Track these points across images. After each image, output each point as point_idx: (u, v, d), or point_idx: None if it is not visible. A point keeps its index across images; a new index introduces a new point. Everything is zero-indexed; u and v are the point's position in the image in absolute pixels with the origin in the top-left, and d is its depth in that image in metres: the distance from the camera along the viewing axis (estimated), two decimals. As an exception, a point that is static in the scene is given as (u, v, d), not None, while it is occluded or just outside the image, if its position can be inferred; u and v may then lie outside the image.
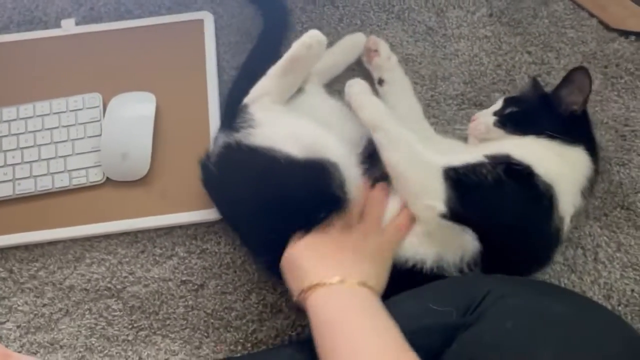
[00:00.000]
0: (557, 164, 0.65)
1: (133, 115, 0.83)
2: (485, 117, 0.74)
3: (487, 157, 0.65)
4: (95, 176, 0.81)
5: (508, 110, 0.73)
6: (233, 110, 0.76)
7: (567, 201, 0.65)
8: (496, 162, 0.64)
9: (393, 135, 0.67)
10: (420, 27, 0.91)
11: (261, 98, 0.75)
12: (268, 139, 0.68)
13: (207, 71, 0.88)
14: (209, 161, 0.73)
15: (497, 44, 0.89)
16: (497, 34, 0.90)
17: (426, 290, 0.60)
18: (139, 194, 0.81)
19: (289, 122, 0.72)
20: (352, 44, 0.87)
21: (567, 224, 0.66)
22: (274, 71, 0.76)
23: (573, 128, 0.69)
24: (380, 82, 0.83)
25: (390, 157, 0.67)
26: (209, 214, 0.79)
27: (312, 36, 0.75)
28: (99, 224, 0.79)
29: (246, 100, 0.75)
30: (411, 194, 0.66)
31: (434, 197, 0.63)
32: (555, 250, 0.68)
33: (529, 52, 0.88)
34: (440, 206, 0.62)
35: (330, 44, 0.89)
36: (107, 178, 0.81)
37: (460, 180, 0.63)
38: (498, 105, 0.76)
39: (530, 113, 0.72)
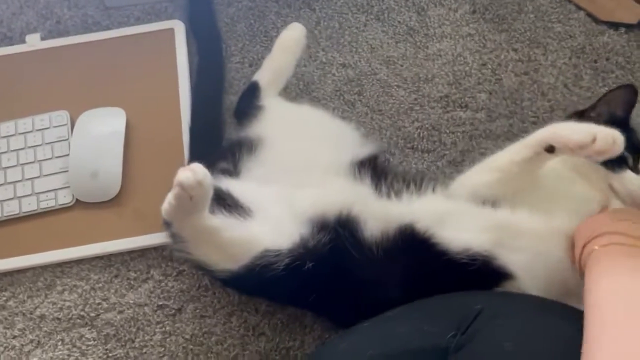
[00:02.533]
0: None
1: (102, 132, 0.79)
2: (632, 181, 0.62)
3: None
4: (65, 198, 0.77)
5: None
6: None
7: None
8: None
9: None
10: (400, 27, 0.87)
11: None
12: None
13: (180, 82, 0.84)
14: None
15: (481, 42, 0.86)
16: (481, 32, 0.86)
17: (415, 309, 0.56)
18: (111, 215, 0.77)
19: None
20: (291, 39, 0.79)
21: None
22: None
23: None
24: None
25: None
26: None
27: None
28: (69, 248, 0.76)
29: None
30: None
31: None
32: None
33: (514, 49, 0.85)
34: None
35: (308, 47, 0.86)
36: (77, 200, 0.77)
37: None
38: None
39: None
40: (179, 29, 0.87)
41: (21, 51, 0.88)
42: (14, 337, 0.73)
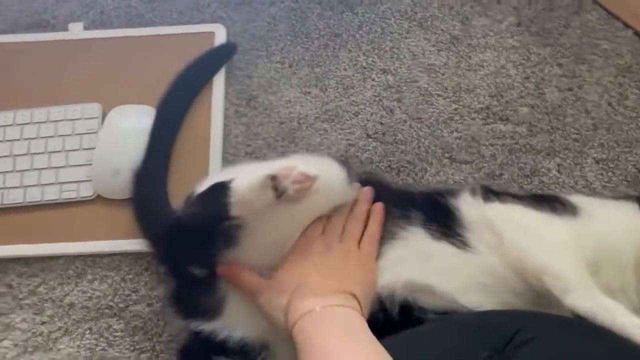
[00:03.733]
0: None
1: (131, 129, 0.79)
2: None
3: None
4: (87, 191, 0.77)
5: None
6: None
7: None
8: None
9: None
10: (443, 36, 0.86)
11: None
12: None
13: (214, 88, 0.83)
14: None
15: (525, 55, 0.84)
16: (525, 45, 0.85)
17: (447, 327, 0.55)
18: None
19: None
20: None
21: None
22: None
23: None
24: None
25: None
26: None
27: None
28: (99, 241, 0.75)
29: None
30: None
31: None
32: None
33: (559, 64, 0.83)
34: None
35: (349, 51, 0.86)
36: (98, 195, 0.77)
37: None
38: None
39: None
40: (220, 33, 0.87)
41: (63, 39, 0.88)
42: (43, 323, 0.73)
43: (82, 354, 0.71)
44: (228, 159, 0.80)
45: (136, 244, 0.75)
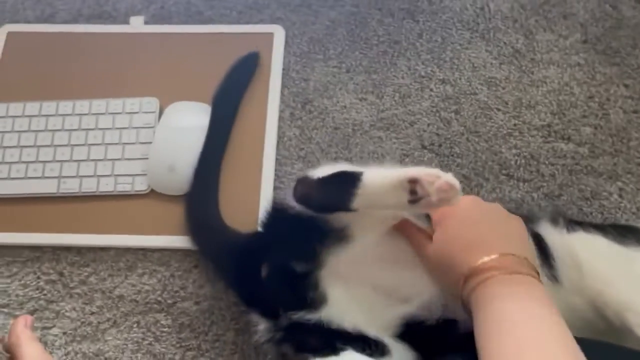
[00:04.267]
0: None
1: (187, 126, 0.79)
2: None
3: None
4: (141, 185, 0.78)
5: None
6: None
7: None
8: None
9: None
10: (506, 49, 0.85)
11: None
12: None
13: (270, 89, 0.83)
14: None
15: (590, 73, 0.82)
16: (590, 63, 0.83)
17: None
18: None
19: None
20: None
21: None
22: None
23: None
24: None
25: None
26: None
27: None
28: (150, 236, 0.76)
29: None
30: None
31: None
32: None
33: (625, 85, 0.81)
34: None
35: (408, 59, 0.85)
36: (152, 189, 0.78)
37: None
38: None
39: None
40: (279, 34, 0.87)
41: (123, 32, 0.89)
42: (92, 313, 0.74)
43: (129, 347, 0.72)
44: (280, 162, 0.80)
45: (187, 241, 0.75)
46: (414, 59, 0.85)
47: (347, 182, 0.52)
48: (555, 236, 0.58)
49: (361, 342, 0.55)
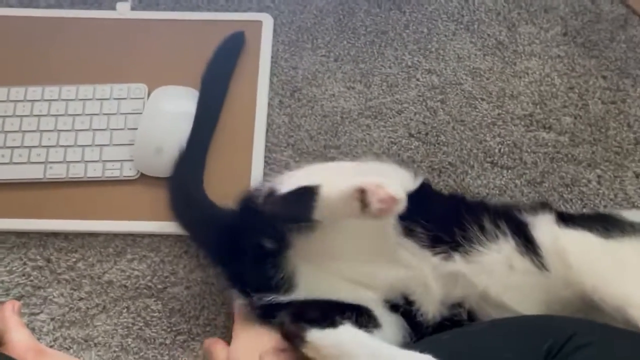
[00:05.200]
0: None
1: (173, 110, 0.79)
2: None
3: None
4: (130, 171, 0.77)
5: None
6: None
7: None
8: None
9: None
10: (489, 40, 0.87)
11: None
12: None
13: (259, 75, 0.84)
14: None
15: (570, 65, 0.85)
16: (570, 55, 0.86)
17: (498, 328, 0.55)
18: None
19: None
20: None
21: None
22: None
23: None
24: None
25: None
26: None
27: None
28: (142, 222, 0.76)
29: None
30: None
31: None
32: None
33: (604, 77, 0.84)
34: None
35: (395, 49, 0.86)
36: (141, 174, 0.77)
37: None
38: None
39: None
40: (267, 22, 0.87)
41: (110, 17, 0.88)
42: (81, 299, 0.73)
43: (118, 332, 0.72)
44: (270, 149, 0.81)
45: (176, 227, 0.76)
46: (400, 49, 0.87)
47: (306, 196, 0.56)
48: (542, 228, 0.60)
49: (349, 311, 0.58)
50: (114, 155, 0.78)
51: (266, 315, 0.62)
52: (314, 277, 0.61)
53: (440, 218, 0.62)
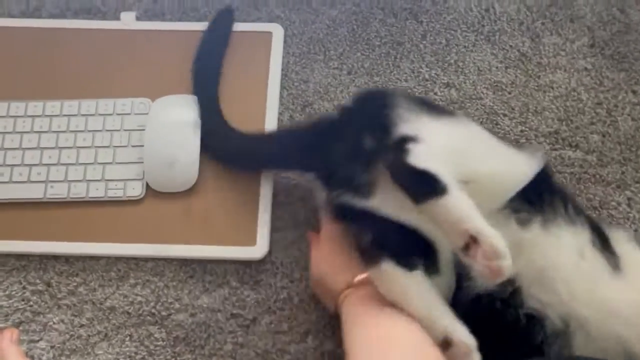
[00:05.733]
0: None
1: (178, 120, 0.76)
2: None
3: None
4: (134, 191, 0.74)
5: None
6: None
7: None
8: None
9: None
10: (512, 52, 0.82)
11: None
12: None
13: (269, 89, 0.80)
14: None
15: (598, 78, 0.80)
16: (598, 68, 0.81)
17: None
18: (184, 213, 0.73)
19: None
20: None
21: None
22: None
23: None
24: None
25: None
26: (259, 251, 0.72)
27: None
28: (144, 245, 0.72)
29: None
30: None
31: None
32: None
33: (634, 92, 0.79)
34: None
35: (411, 61, 0.82)
36: (146, 193, 0.74)
37: None
38: None
39: None
40: (278, 33, 0.83)
41: (114, 28, 0.85)
42: (82, 325, 0.70)
43: (121, 362, 0.68)
44: (280, 167, 0.77)
45: (181, 250, 0.72)
46: (417, 61, 0.82)
47: (429, 187, 0.52)
48: (616, 236, 0.59)
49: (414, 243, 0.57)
50: (117, 174, 0.75)
51: (341, 216, 0.62)
52: (394, 193, 0.57)
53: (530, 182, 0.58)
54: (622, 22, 0.83)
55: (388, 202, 0.58)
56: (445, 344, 0.52)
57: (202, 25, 0.84)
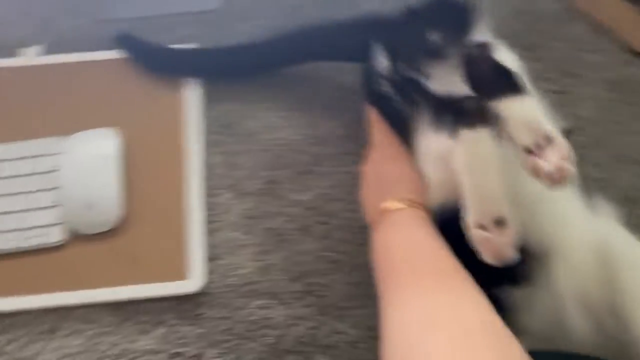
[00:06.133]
0: None
1: (94, 155, 0.73)
2: None
3: None
4: (56, 236, 0.71)
5: None
6: None
7: None
8: None
9: None
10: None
11: None
12: None
13: (184, 106, 0.78)
14: None
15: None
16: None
17: None
18: (107, 256, 0.71)
19: None
20: None
21: None
22: None
23: None
24: None
25: None
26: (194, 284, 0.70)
27: None
28: (73, 292, 0.69)
29: None
30: None
31: None
32: None
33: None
34: None
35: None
36: (72, 238, 0.71)
37: None
38: None
39: None
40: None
41: (15, 65, 0.81)
42: (15, 386, 0.67)
43: (60, 421, 0.65)
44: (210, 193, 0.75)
45: (110, 294, 0.69)
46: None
47: (514, 84, 0.53)
48: None
49: None
50: (36, 221, 0.71)
51: (407, 95, 0.60)
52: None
53: None
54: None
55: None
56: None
57: (106, 55, 0.81)
